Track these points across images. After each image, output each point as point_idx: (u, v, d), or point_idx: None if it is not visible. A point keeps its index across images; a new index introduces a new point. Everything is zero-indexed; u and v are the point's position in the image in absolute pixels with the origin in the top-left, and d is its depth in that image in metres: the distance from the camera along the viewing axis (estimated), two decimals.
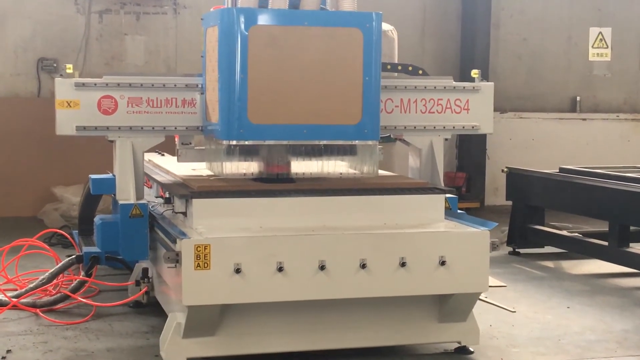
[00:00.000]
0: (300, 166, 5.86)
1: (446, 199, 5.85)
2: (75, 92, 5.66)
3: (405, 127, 6.24)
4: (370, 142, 5.60)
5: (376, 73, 5.51)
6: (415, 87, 6.23)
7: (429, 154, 6.30)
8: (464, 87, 6.32)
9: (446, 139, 6.36)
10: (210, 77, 5.63)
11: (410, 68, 6.57)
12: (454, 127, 6.32)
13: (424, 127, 6.26)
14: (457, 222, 5.59)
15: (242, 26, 5.28)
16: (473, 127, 6.35)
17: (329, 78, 5.46)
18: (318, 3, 5.63)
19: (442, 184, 6.17)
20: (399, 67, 6.63)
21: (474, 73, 6.40)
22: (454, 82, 6.32)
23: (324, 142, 5.56)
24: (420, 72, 6.54)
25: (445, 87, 6.29)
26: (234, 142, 5.38)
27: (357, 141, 5.56)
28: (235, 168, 5.67)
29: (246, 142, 5.40)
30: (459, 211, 5.92)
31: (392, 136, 6.46)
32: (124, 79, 5.77)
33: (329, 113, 5.47)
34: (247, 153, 5.58)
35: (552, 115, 13.17)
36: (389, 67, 6.56)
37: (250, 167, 5.71)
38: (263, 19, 5.36)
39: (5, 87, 11.07)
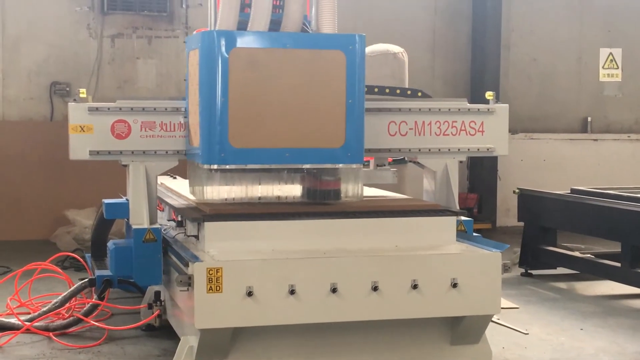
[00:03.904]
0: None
1: (462, 221, 5.84)
2: (89, 117, 5.69)
3: (419, 150, 6.23)
4: (354, 166, 5.54)
5: (360, 95, 5.44)
6: (430, 109, 6.22)
7: (443, 176, 6.28)
8: (478, 109, 6.32)
9: (461, 162, 6.35)
10: (192, 100, 5.58)
11: (398, 91, 6.57)
12: (468, 149, 6.30)
13: (439, 150, 6.25)
14: (468, 244, 5.59)
15: (223, 49, 5.23)
16: (488, 149, 6.34)
17: (312, 101, 5.39)
18: (299, 25, 5.56)
19: (458, 207, 6.16)
20: (398, 91, 6.63)
21: (489, 95, 6.39)
22: (468, 104, 6.32)
23: (307, 165, 5.50)
24: (420, 94, 6.54)
25: (459, 109, 6.28)
26: (215, 167, 5.33)
27: (340, 165, 5.50)
28: (217, 193, 5.63)
29: (227, 167, 5.34)
30: (474, 234, 5.90)
31: (405, 158, 6.46)
32: (137, 103, 5.81)
33: (312, 136, 5.40)
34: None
35: (563, 135, 13.16)
36: (387, 90, 6.58)
37: (232, 191, 5.66)
38: (244, 42, 5.29)
39: (18, 111, 11.15)
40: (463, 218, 6.03)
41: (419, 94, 6.59)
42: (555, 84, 13.18)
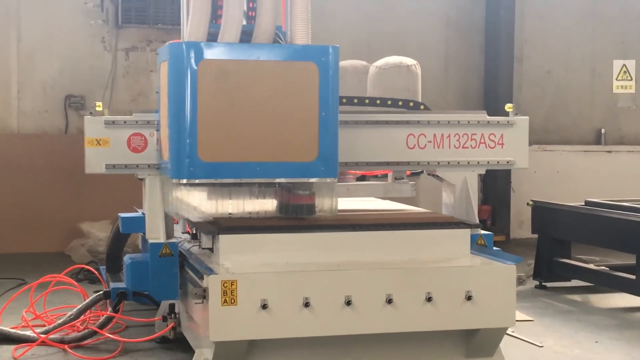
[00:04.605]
0: None
1: (481, 235, 5.82)
2: (105, 130, 5.71)
3: (438, 163, 6.21)
4: (328, 180, 5.39)
5: (333, 108, 5.32)
6: (449, 122, 6.20)
7: (463, 189, 6.25)
8: (498, 122, 6.30)
9: (480, 175, 6.32)
10: (163, 113, 5.49)
11: (411, 104, 6.55)
12: (488, 162, 6.28)
13: (458, 163, 6.22)
14: (483, 256, 5.59)
15: (192, 60, 5.13)
16: (508, 162, 6.31)
17: (284, 113, 5.27)
18: (271, 36, 5.47)
19: (477, 220, 6.13)
20: (400, 103, 6.59)
21: (508, 107, 6.37)
22: (487, 117, 6.30)
23: (279, 180, 5.37)
24: (422, 107, 6.52)
25: (479, 122, 6.26)
26: (184, 181, 5.21)
27: (313, 179, 5.37)
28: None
29: (196, 181, 5.23)
30: (494, 248, 5.88)
31: (424, 171, 6.44)
32: (153, 117, 5.82)
33: (284, 150, 5.27)
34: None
35: (577, 147, 13.12)
36: (389, 102, 6.55)
37: (202, 206, 5.58)
38: (213, 53, 5.19)
39: (33, 123, 11.21)
40: (483, 232, 6.01)
41: (411, 104, 6.54)
42: (568, 96, 13.16)
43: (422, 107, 6.56)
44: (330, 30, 11.71)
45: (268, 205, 5.68)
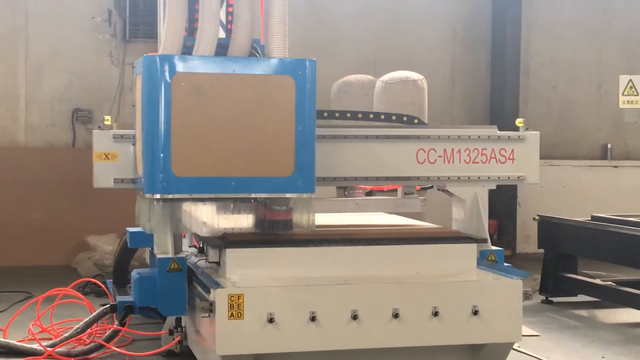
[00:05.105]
0: None
1: (492, 251, 5.81)
2: (114, 144, 5.70)
3: (448, 178, 6.18)
4: (304, 195, 5.30)
5: (310, 122, 5.24)
6: (459, 137, 6.18)
7: (473, 205, 6.23)
8: (508, 137, 6.28)
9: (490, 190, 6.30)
10: (138, 127, 5.44)
11: (404, 118, 6.53)
12: (498, 178, 6.26)
13: (468, 178, 6.19)
14: (489, 271, 5.59)
15: (166, 74, 5.06)
16: (519, 178, 6.30)
17: (259, 128, 5.18)
18: (246, 50, 5.41)
19: (488, 236, 6.13)
20: (393, 117, 6.56)
21: (519, 122, 6.35)
22: (498, 132, 6.29)
23: (254, 195, 5.28)
24: (416, 121, 6.49)
25: (489, 137, 6.24)
26: (158, 196, 5.12)
27: (289, 194, 5.27)
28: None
29: (170, 196, 5.14)
30: (505, 264, 5.87)
31: (434, 186, 6.42)
32: None
33: (259, 164, 5.19)
34: None
35: (583, 162, 13.12)
36: (382, 117, 6.52)
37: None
38: (188, 66, 5.10)
39: (41, 137, 11.26)
40: (494, 247, 6.00)
41: (404, 118, 6.52)
42: (574, 111, 13.17)
43: (393, 117, 6.50)
44: (337, 45, 11.75)
45: (244, 220, 5.62)
